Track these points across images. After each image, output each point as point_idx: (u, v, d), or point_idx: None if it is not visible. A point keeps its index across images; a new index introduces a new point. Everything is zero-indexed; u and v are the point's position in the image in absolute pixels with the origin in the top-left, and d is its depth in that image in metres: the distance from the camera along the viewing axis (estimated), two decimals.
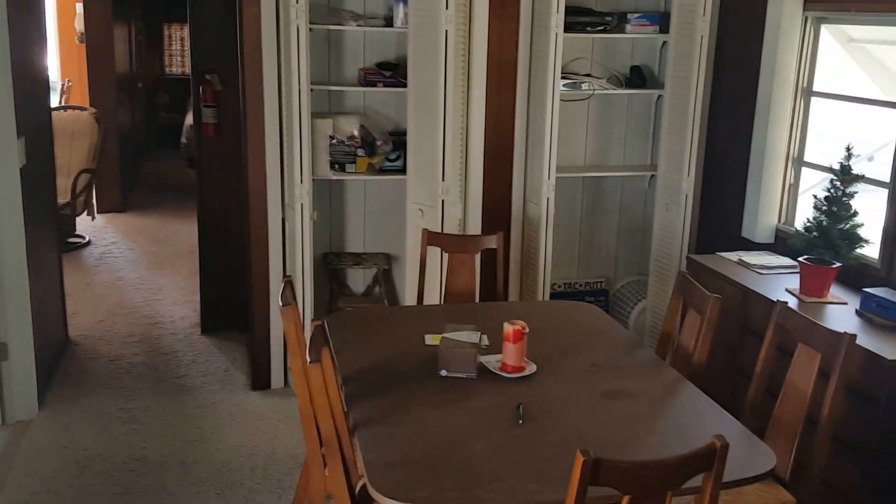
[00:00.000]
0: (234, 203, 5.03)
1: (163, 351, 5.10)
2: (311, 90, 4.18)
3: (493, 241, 3.80)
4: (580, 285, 5.20)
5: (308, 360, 2.45)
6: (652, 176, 4.98)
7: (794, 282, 3.84)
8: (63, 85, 9.44)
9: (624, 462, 1.93)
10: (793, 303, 3.62)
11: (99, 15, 8.30)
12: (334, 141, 4.48)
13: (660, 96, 4.87)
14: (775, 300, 3.04)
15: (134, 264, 6.86)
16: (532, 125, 4.62)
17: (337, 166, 4.51)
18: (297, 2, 3.97)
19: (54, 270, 4.97)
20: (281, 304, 2.82)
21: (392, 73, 4.50)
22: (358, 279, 5.00)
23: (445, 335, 2.90)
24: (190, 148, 8.04)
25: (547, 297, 4.61)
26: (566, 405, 2.68)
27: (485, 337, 3.05)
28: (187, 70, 5.80)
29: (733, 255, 4.23)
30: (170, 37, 11.76)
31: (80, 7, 8.64)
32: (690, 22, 4.42)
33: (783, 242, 4.28)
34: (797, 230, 4.04)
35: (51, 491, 3.59)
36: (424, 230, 3.82)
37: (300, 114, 4.09)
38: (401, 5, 4.30)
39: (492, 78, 4.52)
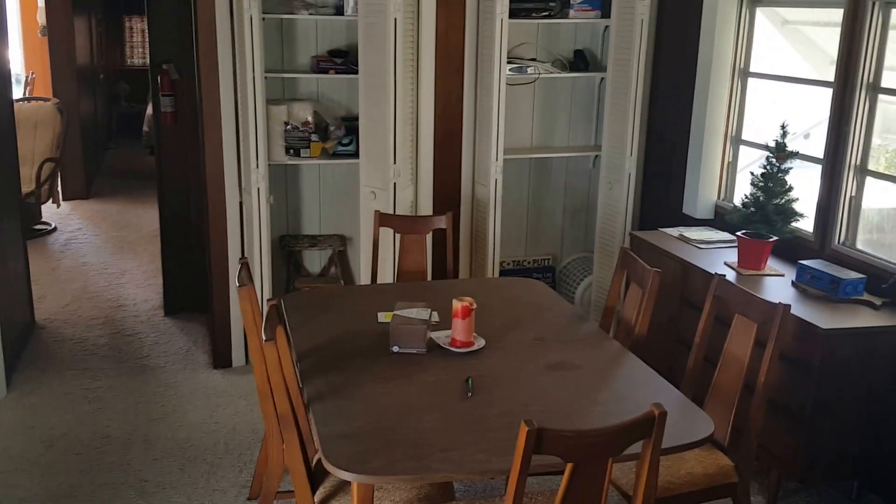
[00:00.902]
0: (193, 188, 5.10)
1: (126, 333, 5.18)
2: (265, 78, 4.25)
3: (442, 222, 3.89)
4: (528, 263, 5.32)
5: (263, 338, 2.53)
6: (596, 156, 5.11)
7: (732, 255, 3.97)
8: (27, 77, 9.39)
9: (566, 431, 1.99)
10: (731, 276, 3.73)
11: (59, 8, 8.24)
12: (289, 127, 4.56)
13: (602, 79, 4.99)
14: (714, 273, 3.13)
15: (98, 249, 6.90)
16: (480, 109, 4.71)
17: (292, 151, 4.59)
18: None
19: (19, 256, 5.01)
20: (237, 285, 2.92)
21: (343, 60, 4.57)
22: (314, 260, 5.09)
23: (397, 312, 2.97)
24: (151, 136, 8.06)
25: (496, 275, 4.71)
26: (512, 378, 2.75)
27: (435, 314, 3.11)
28: (148, 61, 5.85)
29: (674, 231, 4.35)
30: (130, 28, 11.65)
31: (41, 0, 8.58)
32: (630, 6, 4.53)
33: (722, 218, 4.40)
34: (735, 206, 4.17)
35: (18, 469, 3.66)
36: (376, 212, 3.91)
37: (255, 101, 4.16)
38: None
39: (440, 63, 4.60)
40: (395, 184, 4.29)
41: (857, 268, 3.59)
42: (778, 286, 3.66)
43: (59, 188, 7.63)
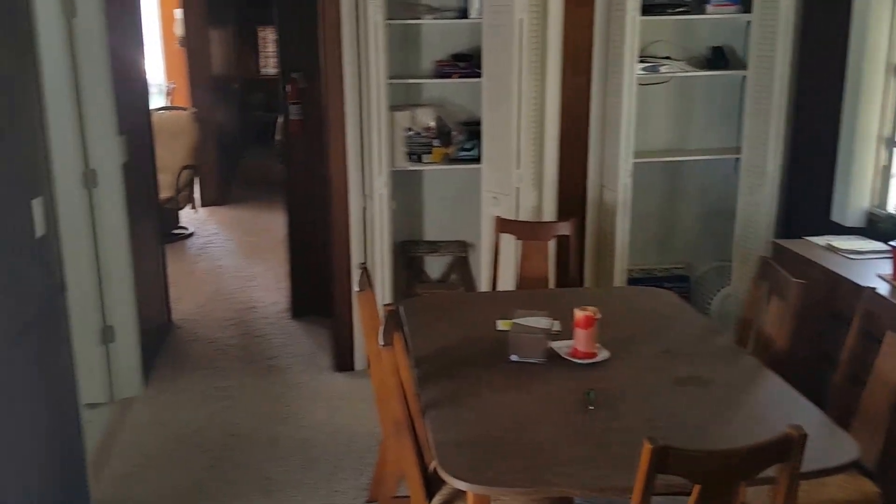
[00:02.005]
0: (320, 195, 5.18)
1: (255, 334, 5.32)
2: (389, 83, 4.27)
3: (565, 228, 3.81)
4: (658, 271, 5.13)
5: (380, 343, 2.51)
6: (737, 159, 4.87)
7: (886, 267, 3.69)
8: (168, 87, 9.83)
9: (692, 450, 1.90)
10: (884, 289, 3.49)
11: (195, 20, 8.58)
12: (411, 132, 4.58)
13: (744, 77, 4.77)
14: (864, 286, 2.95)
15: (232, 253, 7.16)
16: (608, 110, 4.57)
17: (414, 157, 4.60)
18: None
19: (157, 259, 5.22)
20: (357, 290, 2.91)
21: (466, 63, 4.54)
22: (435, 266, 5.09)
23: (516, 321, 2.90)
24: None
25: (623, 284, 4.57)
26: (637, 391, 2.65)
27: (556, 323, 3.04)
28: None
29: (822, 240, 4.10)
30: (264, 39, 12.07)
31: (178, 13, 8.97)
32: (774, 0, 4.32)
33: (875, 226, 4.13)
34: (889, 213, 3.91)
35: (150, 465, 3.81)
36: (497, 217, 3.86)
37: (378, 107, 4.19)
38: None
39: (566, 64, 4.48)
40: (518, 188, 4.21)
41: None
42: None
43: (197, 194, 7.94)
